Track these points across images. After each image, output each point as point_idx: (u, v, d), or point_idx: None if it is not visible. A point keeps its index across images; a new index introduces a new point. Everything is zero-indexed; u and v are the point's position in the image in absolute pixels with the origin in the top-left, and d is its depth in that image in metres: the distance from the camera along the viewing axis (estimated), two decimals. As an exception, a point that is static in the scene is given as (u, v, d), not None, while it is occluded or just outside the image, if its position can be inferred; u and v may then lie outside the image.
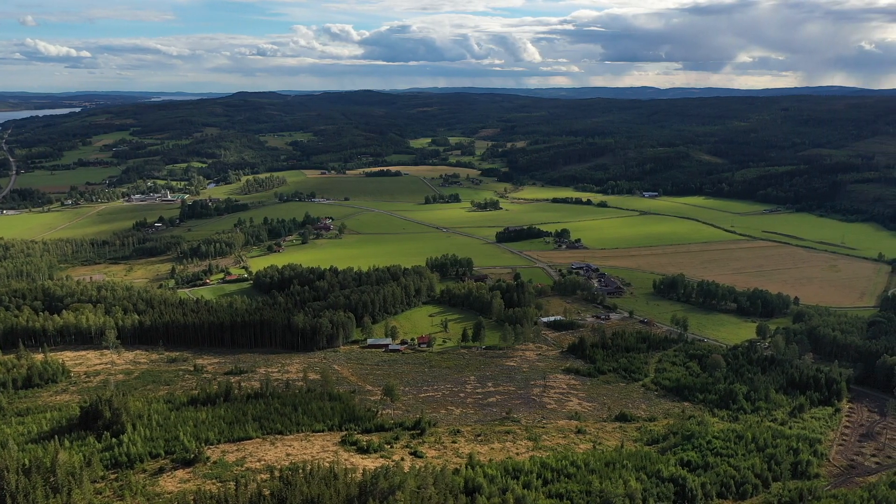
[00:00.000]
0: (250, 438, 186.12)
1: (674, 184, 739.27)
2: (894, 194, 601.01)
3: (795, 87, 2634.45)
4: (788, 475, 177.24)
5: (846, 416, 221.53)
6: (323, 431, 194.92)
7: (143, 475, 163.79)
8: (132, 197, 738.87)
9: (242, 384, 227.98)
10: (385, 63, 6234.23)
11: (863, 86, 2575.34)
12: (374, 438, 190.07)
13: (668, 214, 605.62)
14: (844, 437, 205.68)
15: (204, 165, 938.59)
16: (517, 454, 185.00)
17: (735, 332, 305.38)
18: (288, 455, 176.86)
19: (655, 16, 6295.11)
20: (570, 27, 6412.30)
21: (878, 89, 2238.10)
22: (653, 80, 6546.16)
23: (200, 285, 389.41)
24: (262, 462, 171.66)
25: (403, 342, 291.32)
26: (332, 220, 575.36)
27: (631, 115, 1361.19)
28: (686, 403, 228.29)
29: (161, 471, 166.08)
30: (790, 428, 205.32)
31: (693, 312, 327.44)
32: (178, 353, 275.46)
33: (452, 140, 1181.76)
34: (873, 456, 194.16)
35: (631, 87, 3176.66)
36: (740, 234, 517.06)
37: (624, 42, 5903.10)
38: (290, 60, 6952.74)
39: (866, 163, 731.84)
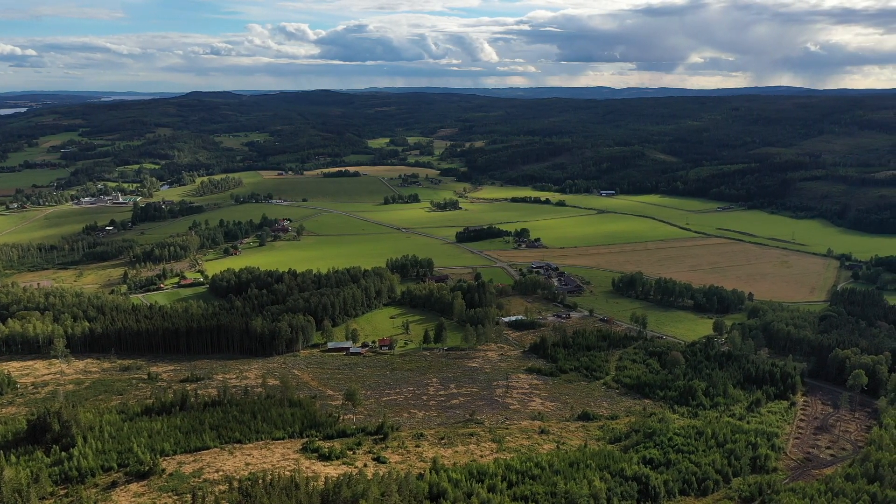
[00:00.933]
0: (208, 448, 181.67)
1: (630, 182, 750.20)
2: (841, 191, 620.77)
3: (745, 87, 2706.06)
4: (748, 470, 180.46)
5: (801, 409, 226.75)
6: (283, 439, 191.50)
7: (94, 490, 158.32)
8: (82, 200, 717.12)
9: (199, 392, 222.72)
10: (342, 63, 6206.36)
11: (809, 86, 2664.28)
12: (336, 445, 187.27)
13: (625, 213, 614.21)
14: (800, 431, 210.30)
15: (157, 167, 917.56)
16: (481, 457, 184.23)
17: (692, 328, 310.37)
18: (247, 464, 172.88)
19: (610, 17, 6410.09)
20: (526, 27, 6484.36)
21: (824, 89, 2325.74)
22: (608, 80, 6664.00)
23: (154, 290, 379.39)
24: (221, 473, 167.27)
25: (364, 345, 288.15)
26: (290, 221, 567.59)
27: (587, 114, 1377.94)
28: (647, 401, 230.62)
29: (114, 485, 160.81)
30: (748, 423, 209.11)
31: (651, 310, 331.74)
32: (131, 361, 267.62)
33: (411, 140, 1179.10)
34: (828, 448, 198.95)
35: (587, 87, 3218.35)
36: (695, 232, 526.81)
37: (579, 42, 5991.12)
38: (245, 60, 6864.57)
39: (814, 161, 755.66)
